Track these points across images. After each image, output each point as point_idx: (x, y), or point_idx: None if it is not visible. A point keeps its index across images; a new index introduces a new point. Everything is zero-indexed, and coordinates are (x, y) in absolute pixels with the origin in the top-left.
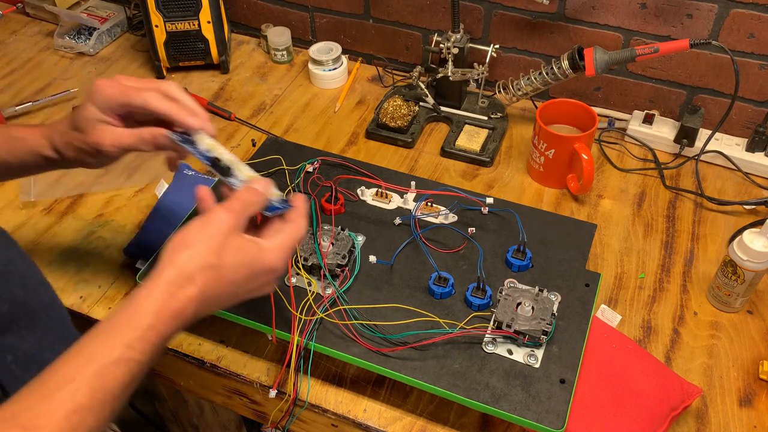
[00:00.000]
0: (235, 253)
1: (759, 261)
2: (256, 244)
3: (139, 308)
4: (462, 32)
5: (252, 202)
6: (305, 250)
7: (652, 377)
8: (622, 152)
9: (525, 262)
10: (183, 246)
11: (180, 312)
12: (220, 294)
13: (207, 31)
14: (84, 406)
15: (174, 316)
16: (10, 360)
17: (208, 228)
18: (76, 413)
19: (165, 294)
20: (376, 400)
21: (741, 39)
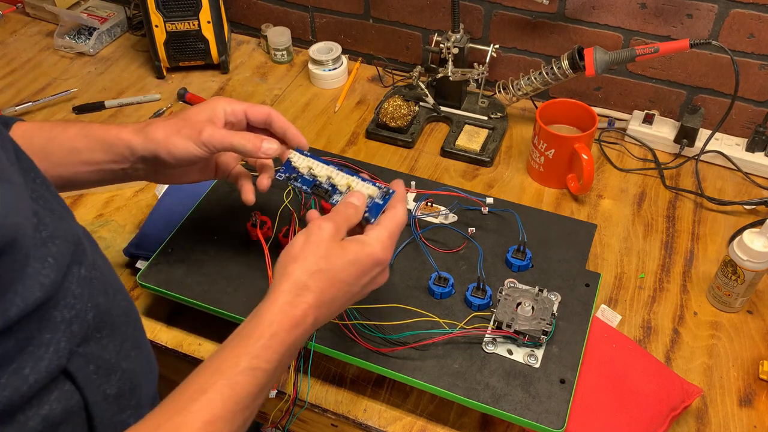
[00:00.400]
0: (341, 255)
1: (759, 261)
2: (357, 241)
3: (262, 320)
4: (462, 32)
5: (350, 214)
6: None
7: (652, 377)
8: (622, 152)
9: (525, 262)
10: (291, 259)
11: (300, 319)
12: (335, 296)
13: (207, 31)
14: (218, 416)
15: (295, 324)
16: (92, 369)
17: (312, 238)
18: (212, 423)
19: (284, 304)
20: (376, 400)
21: (741, 39)
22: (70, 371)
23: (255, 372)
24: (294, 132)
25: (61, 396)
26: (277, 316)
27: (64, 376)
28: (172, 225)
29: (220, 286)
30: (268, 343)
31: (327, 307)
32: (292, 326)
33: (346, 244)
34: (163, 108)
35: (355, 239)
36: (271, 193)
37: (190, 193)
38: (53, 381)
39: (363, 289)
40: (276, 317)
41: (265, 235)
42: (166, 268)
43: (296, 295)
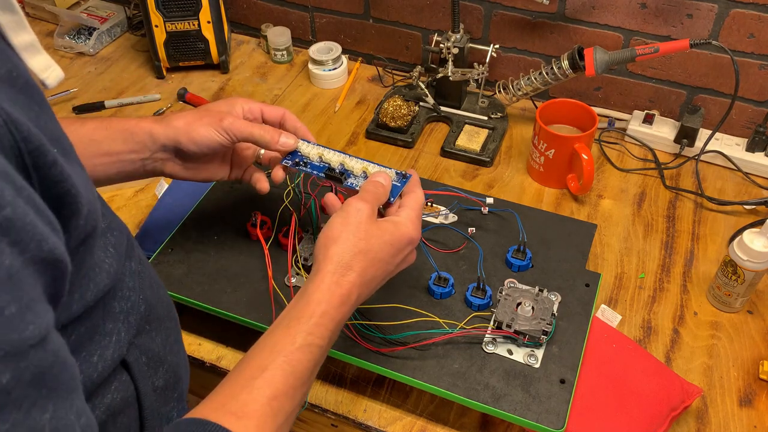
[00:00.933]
0: (379, 236)
1: (759, 261)
2: (392, 222)
3: (311, 300)
4: (462, 32)
5: (380, 193)
6: (305, 250)
7: (652, 377)
8: (622, 152)
9: (525, 262)
10: (332, 241)
11: (347, 297)
12: (375, 274)
13: (207, 31)
14: (280, 392)
15: (342, 302)
16: (144, 361)
17: (350, 219)
18: (276, 398)
19: (331, 284)
20: (376, 400)
21: (741, 39)
22: (127, 362)
23: (310, 348)
24: (305, 130)
25: (120, 386)
26: (325, 295)
27: (122, 366)
28: (172, 225)
29: (220, 286)
30: (319, 320)
31: (367, 285)
32: (340, 304)
33: (382, 224)
34: (163, 108)
35: (390, 220)
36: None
37: (190, 193)
38: (114, 371)
39: (397, 267)
40: (324, 296)
41: (265, 235)
42: (166, 268)
43: (341, 275)
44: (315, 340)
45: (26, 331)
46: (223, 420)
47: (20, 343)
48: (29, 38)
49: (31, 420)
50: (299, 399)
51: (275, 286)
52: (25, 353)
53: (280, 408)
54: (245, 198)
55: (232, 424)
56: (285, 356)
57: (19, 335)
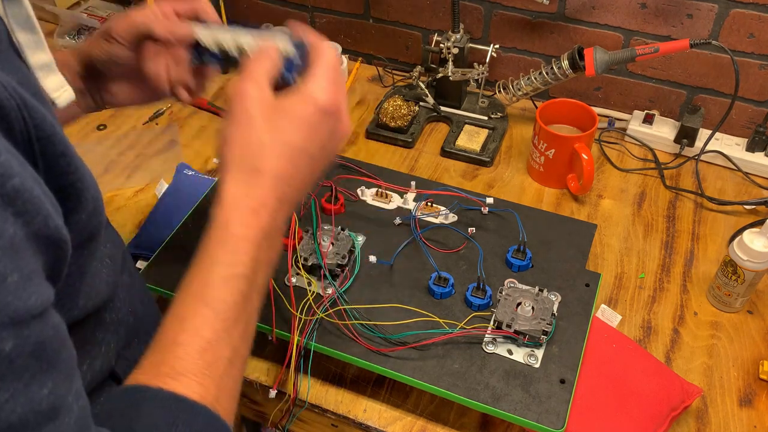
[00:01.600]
0: (282, 117)
1: (759, 261)
2: (296, 94)
3: (218, 222)
4: (462, 32)
5: (266, 67)
6: (305, 250)
7: (652, 377)
8: (622, 152)
9: (525, 262)
10: (226, 145)
11: (261, 207)
12: (296, 165)
13: None
14: (210, 339)
15: (257, 213)
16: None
17: (236, 108)
18: (207, 350)
19: (237, 197)
20: (376, 400)
21: (741, 39)
22: (117, 373)
23: (232, 281)
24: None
25: None
26: (234, 213)
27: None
28: (172, 225)
29: None
30: (234, 246)
31: (290, 183)
32: (254, 216)
33: (283, 102)
34: (163, 108)
35: (290, 92)
36: None
37: (191, 193)
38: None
39: (324, 150)
40: (232, 214)
41: None
42: (166, 268)
43: (246, 183)
44: (235, 270)
45: (29, 301)
46: (160, 384)
47: (23, 312)
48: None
49: (31, 392)
50: (239, 334)
51: (275, 286)
52: (27, 323)
53: (214, 357)
54: None
55: (169, 385)
56: (202, 300)
57: (22, 303)
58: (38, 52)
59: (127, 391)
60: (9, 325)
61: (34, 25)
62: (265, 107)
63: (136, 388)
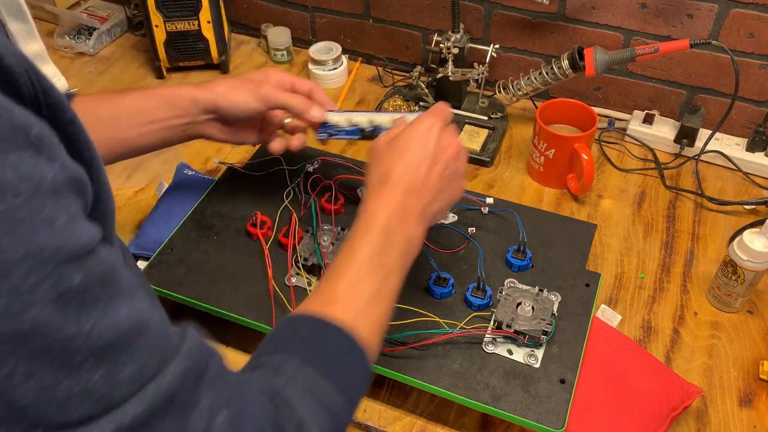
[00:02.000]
0: (391, 144)
1: (759, 261)
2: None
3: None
4: (462, 32)
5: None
6: (305, 250)
7: (652, 377)
8: (622, 152)
9: (525, 262)
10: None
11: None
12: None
13: (207, 31)
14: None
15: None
16: None
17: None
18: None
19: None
20: (376, 400)
21: (741, 39)
22: None
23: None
24: (331, 102)
25: None
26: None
27: None
28: (172, 225)
29: (220, 286)
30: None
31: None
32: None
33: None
34: None
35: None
36: (271, 193)
37: (190, 193)
38: None
39: (436, 157)
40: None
41: (265, 235)
42: (166, 268)
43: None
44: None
45: (81, 239)
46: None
47: (79, 250)
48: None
49: (110, 317)
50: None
51: (275, 286)
52: (86, 258)
53: (360, 292)
54: (245, 198)
55: (320, 311)
56: (348, 256)
57: (76, 242)
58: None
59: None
60: (70, 261)
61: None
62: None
63: (296, 316)
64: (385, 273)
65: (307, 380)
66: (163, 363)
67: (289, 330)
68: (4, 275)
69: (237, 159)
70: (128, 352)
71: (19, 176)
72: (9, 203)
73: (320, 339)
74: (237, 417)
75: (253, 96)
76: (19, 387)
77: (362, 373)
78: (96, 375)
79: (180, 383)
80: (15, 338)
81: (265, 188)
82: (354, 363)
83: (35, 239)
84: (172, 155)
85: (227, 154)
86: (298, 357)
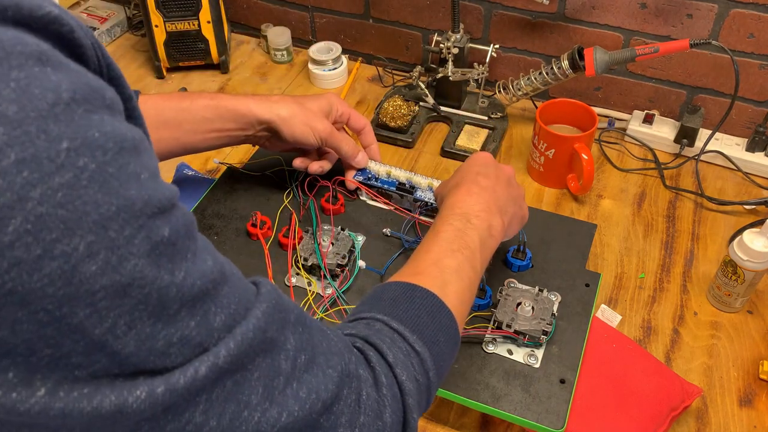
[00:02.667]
0: (458, 170)
1: (759, 261)
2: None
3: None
4: (462, 32)
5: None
6: (305, 250)
7: (652, 377)
8: (622, 152)
9: (525, 262)
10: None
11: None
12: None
13: (207, 31)
14: (438, 256)
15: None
16: None
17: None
18: (437, 262)
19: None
20: None
21: (741, 39)
22: None
23: (447, 227)
24: (376, 148)
25: None
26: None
27: None
28: None
29: None
30: (446, 216)
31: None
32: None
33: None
34: None
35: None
36: (271, 193)
37: (191, 193)
38: None
39: (499, 170)
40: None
41: (265, 235)
42: None
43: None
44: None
45: (166, 192)
46: (404, 279)
47: (165, 202)
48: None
49: (199, 266)
50: (460, 259)
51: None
52: (171, 210)
53: (444, 266)
54: (245, 198)
55: (411, 279)
56: (432, 238)
57: (160, 195)
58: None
59: (378, 285)
60: (159, 215)
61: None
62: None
63: (384, 284)
64: (467, 253)
65: (395, 335)
66: (249, 307)
67: (377, 294)
68: (102, 229)
69: (237, 159)
70: (218, 299)
71: (104, 134)
72: (99, 160)
73: (409, 299)
74: (320, 358)
75: (311, 132)
76: (121, 338)
77: (450, 336)
78: (192, 323)
79: (266, 323)
80: (115, 291)
81: (265, 188)
82: (443, 324)
83: (125, 193)
84: None
85: (227, 154)
86: (387, 314)
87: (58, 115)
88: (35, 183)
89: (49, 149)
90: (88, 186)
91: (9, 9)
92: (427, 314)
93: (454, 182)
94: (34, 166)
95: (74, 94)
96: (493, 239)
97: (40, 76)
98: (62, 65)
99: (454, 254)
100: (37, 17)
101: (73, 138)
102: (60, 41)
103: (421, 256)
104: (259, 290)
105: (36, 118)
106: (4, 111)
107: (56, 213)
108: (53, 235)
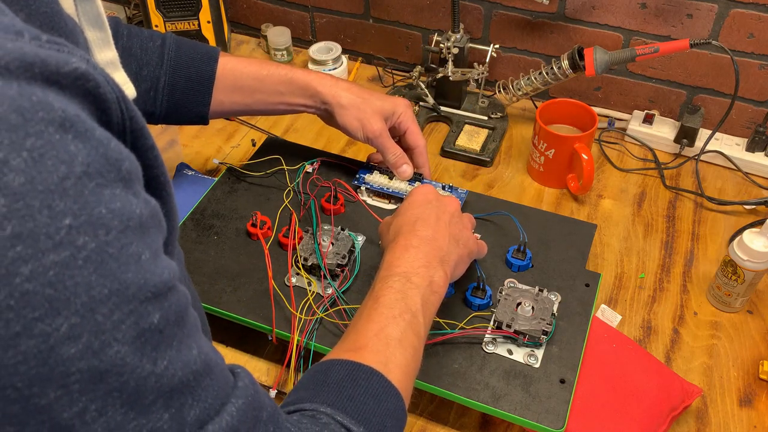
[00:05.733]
0: (399, 212)
1: (759, 261)
2: (405, 200)
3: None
4: (462, 32)
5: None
6: (305, 250)
7: (652, 377)
8: (622, 152)
9: (525, 262)
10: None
11: (404, 249)
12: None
13: (207, 31)
14: (380, 325)
15: (402, 255)
16: None
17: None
18: (379, 333)
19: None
20: None
21: (741, 39)
22: None
23: (388, 287)
24: (428, 170)
25: None
26: (390, 259)
27: None
28: None
29: (220, 286)
30: (386, 273)
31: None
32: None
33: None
34: None
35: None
36: (271, 193)
37: (191, 193)
38: None
39: (441, 209)
40: (389, 259)
41: (265, 235)
42: None
43: (393, 243)
44: (390, 282)
45: (163, 275)
46: (344, 357)
47: (161, 286)
48: (112, 55)
49: (183, 356)
50: (403, 327)
51: (275, 286)
52: (165, 295)
53: (388, 337)
54: (245, 198)
55: (351, 356)
56: (372, 299)
57: (158, 278)
58: (105, 50)
59: (319, 363)
60: (152, 299)
61: (104, 23)
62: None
63: (325, 361)
64: (408, 318)
65: (343, 429)
66: (224, 401)
67: (320, 376)
68: (89, 312)
69: (237, 159)
70: (196, 392)
71: (111, 212)
72: (101, 239)
73: (354, 383)
74: None
75: (360, 128)
76: (89, 424)
77: (397, 419)
78: (166, 415)
79: (238, 422)
80: (92, 376)
81: (264, 188)
82: (389, 408)
83: (122, 276)
84: (172, 155)
85: (227, 154)
86: (332, 405)
87: (66, 190)
88: (27, 259)
89: (49, 225)
90: (83, 266)
91: (36, 66)
92: (373, 399)
93: (393, 231)
94: (30, 241)
95: (88, 168)
96: (435, 295)
97: (57, 146)
98: (85, 133)
99: (396, 321)
100: (64, 74)
101: (78, 215)
102: (86, 98)
103: (363, 325)
104: (236, 383)
105: (42, 191)
106: (10, 182)
107: (43, 291)
108: (36, 313)
